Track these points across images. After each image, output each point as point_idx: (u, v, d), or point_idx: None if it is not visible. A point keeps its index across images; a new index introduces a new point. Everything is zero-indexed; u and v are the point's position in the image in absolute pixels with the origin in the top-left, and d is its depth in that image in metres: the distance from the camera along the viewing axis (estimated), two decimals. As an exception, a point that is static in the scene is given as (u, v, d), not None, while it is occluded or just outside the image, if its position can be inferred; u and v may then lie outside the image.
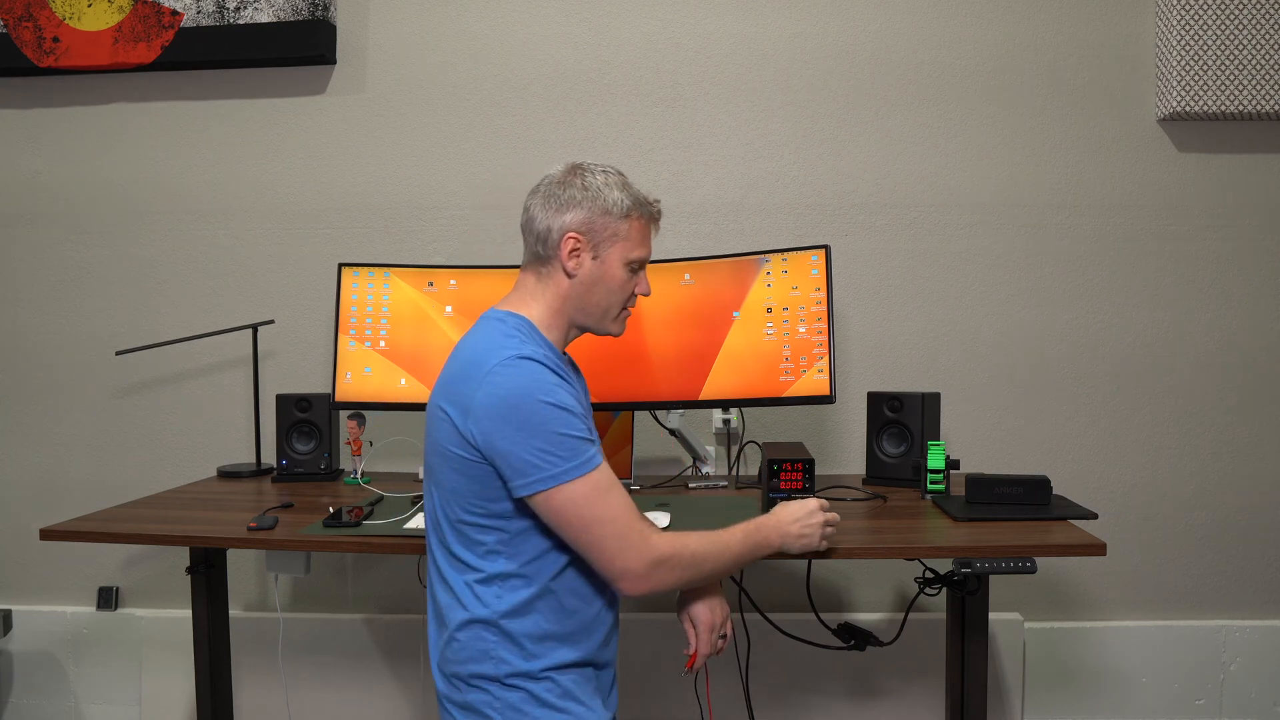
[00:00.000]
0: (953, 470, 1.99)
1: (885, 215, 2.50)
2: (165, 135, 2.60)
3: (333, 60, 2.55)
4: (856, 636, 1.96)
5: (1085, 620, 2.52)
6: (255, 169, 2.59)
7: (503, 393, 1.27)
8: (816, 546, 1.48)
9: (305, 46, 2.47)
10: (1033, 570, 1.57)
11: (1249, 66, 2.38)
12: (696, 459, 2.27)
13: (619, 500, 1.30)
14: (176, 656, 2.51)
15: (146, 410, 2.63)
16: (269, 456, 2.40)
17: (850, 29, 2.49)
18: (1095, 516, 1.76)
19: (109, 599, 2.62)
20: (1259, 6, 2.37)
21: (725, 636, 1.47)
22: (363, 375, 2.20)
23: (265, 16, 2.46)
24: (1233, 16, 2.37)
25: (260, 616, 2.56)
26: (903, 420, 2.12)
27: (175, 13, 2.48)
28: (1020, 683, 2.45)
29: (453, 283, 2.22)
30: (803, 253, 2.05)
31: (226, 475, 2.35)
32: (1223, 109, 2.39)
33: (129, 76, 2.57)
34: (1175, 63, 2.38)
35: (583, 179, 1.41)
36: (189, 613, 2.04)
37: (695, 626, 1.44)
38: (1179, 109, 2.39)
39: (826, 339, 2.01)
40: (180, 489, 2.21)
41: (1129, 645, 2.49)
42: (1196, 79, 2.38)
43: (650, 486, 2.15)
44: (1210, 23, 2.37)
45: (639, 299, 1.50)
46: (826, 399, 2.00)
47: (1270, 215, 2.47)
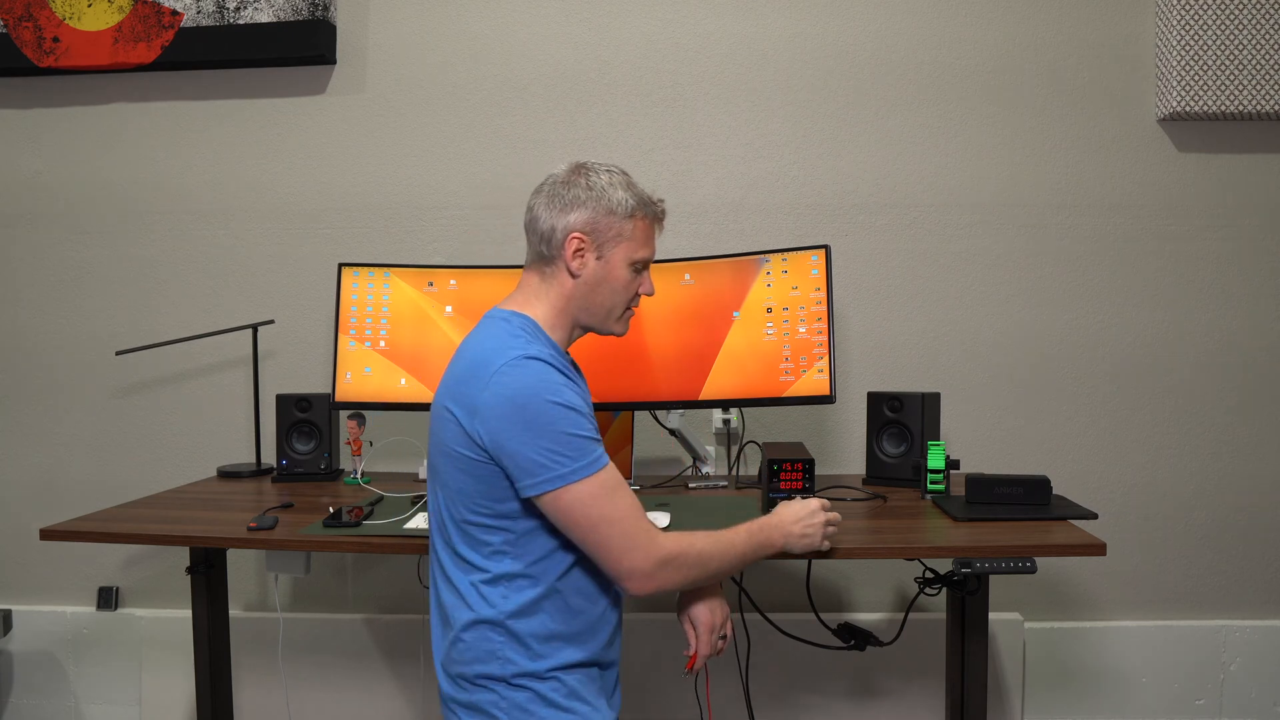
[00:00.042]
0: (953, 470, 2.00)
1: (885, 215, 2.50)
2: (165, 135, 2.60)
3: (333, 60, 2.55)
4: (856, 636, 1.97)
5: (1085, 620, 2.52)
6: (255, 169, 2.59)
7: (510, 393, 1.27)
8: (819, 546, 1.48)
9: (305, 46, 2.47)
10: (1033, 570, 1.58)
11: (1249, 66, 2.38)
12: (696, 459, 2.27)
13: (626, 500, 1.30)
14: (176, 656, 2.51)
15: (146, 410, 2.63)
16: (269, 456, 2.40)
17: (850, 29, 2.49)
18: (1095, 516, 1.76)
19: (109, 599, 2.62)
20: (1259, 6, 2.37)
21: (725, 637, 1.47)
22: (363, 375, 2.20)
23: (265, 16, 2.46)
24: (1233, 16, 2.37)
25: (260, 616, 2.56)
26: (903, 420, 2.12)
27: (175, 13, 2.48)
28: (1020, 683, 2.45)
29: (453, 283, 2.22)
30: (803, 253, 2.05)
31: (226, 475, 2.35)
32: (1223, 109, 2.39)
33: (129, 76, 2.57)
34: (1175, 63, 2.38)
35: (587, 179, 1.41)
36: (189, 613, 2.04)
37: (695, 627, 1.44)
38: (1179, 109, 2.39)
39: (826, 339, 2.01)
40: (180, 489, 2.22)
41: (1129, 645, 2.49)
42: (1196, 79, 2.38)
43: (650, 486, 2.15)
44: (1210, 23, 2.37)
45: (642, 299, 1.50)
46: (826, 399, 2.00)
47: (1270, 215, 2.47)
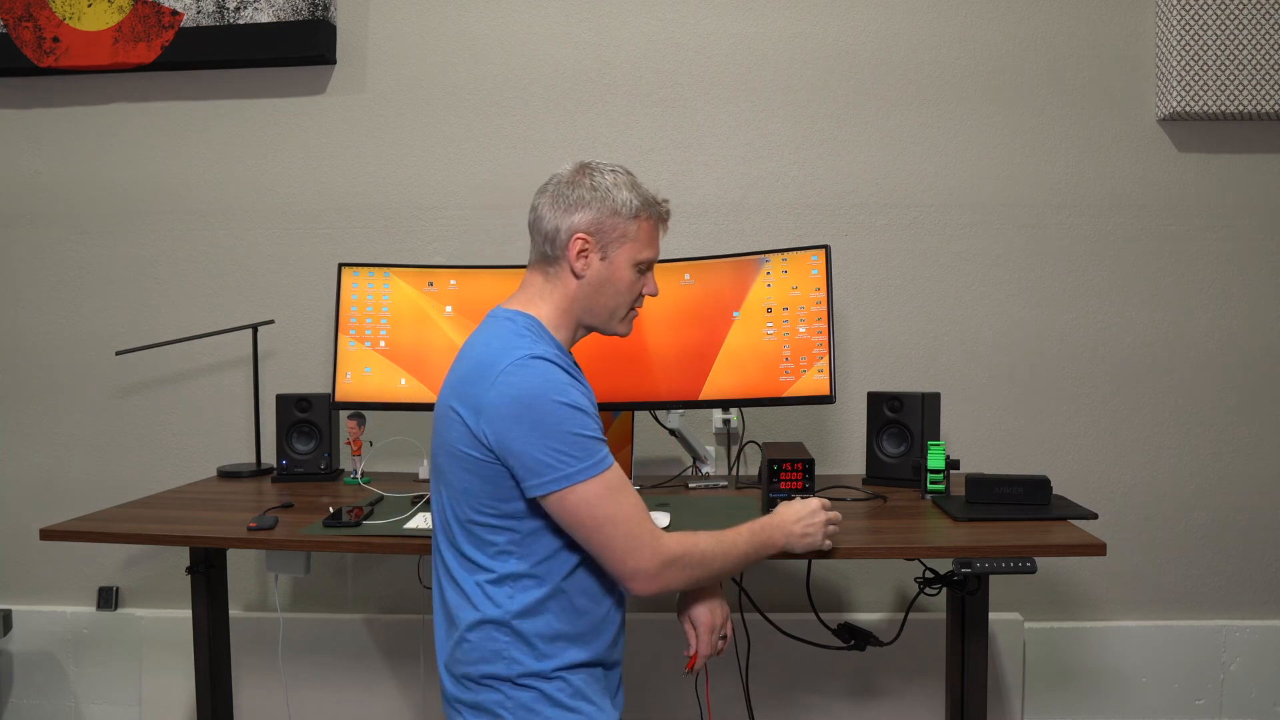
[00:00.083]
0: (953, 470, 2.00)
1: (885, 215, 2.50)
2: (165, 135, 2.60)
3: (333, 60, 2.55)
4: (856, 636, 1.97)
5: (1085, 620, 2.52)
6: (255, 169, 2.59)
7: (516, 393, 1.27)
8: (820, 545, 1.49)
9: (305, 46, 2.47)
10: (1033, 570, 1.58)
11: (1249, 66, 2.38)
12: (696, 459, 2.27)
13: (630, 500, 1.30)
14: (176, 656, 2.51)
15: (146, 410, 2.63)
16: (269, 456, 2.40)
17: (850, 29, 2.49)
18: (1095, 516, 1.76)
19: (109, 599, 2.62)
20: (1259, 6, 2.37)
21: (725, 637, 1.47)
22: (363, 375, 2.20)
23: (265, 16, 2.46)
24: (1233, 16, 2.37)
25: (260, 616, 2.56)
26: (903, 420, 2.12)
27: (175, 13, 2.48)
28: (1020, 683, 2.45)
29: (453, 283, 2.22)
30: (803, 253, 2.05)
31: (226, 475, 2.35)
32: (1223, 109, 2.39)
33: (129, 76, 2.57)
34: (1175, 63, 2.38)
35: (591, 179, 1.40)
36: (189, 613, 2.04)
37: (695, 627, 1.44)
38: (1179, 109, 2.39)
39: (826, 339, 2.01)
40: (180, 489, 2.22)
41: (1129, 645, 2.49)
42: (1196, 79, 2.38)
43: (650, 486, 2.15)
44: (1210, 23, 2.37)
45: (645, 299, 1.50)
46: (826, 399, 2.00)
47: (1270, 215, 2.47)
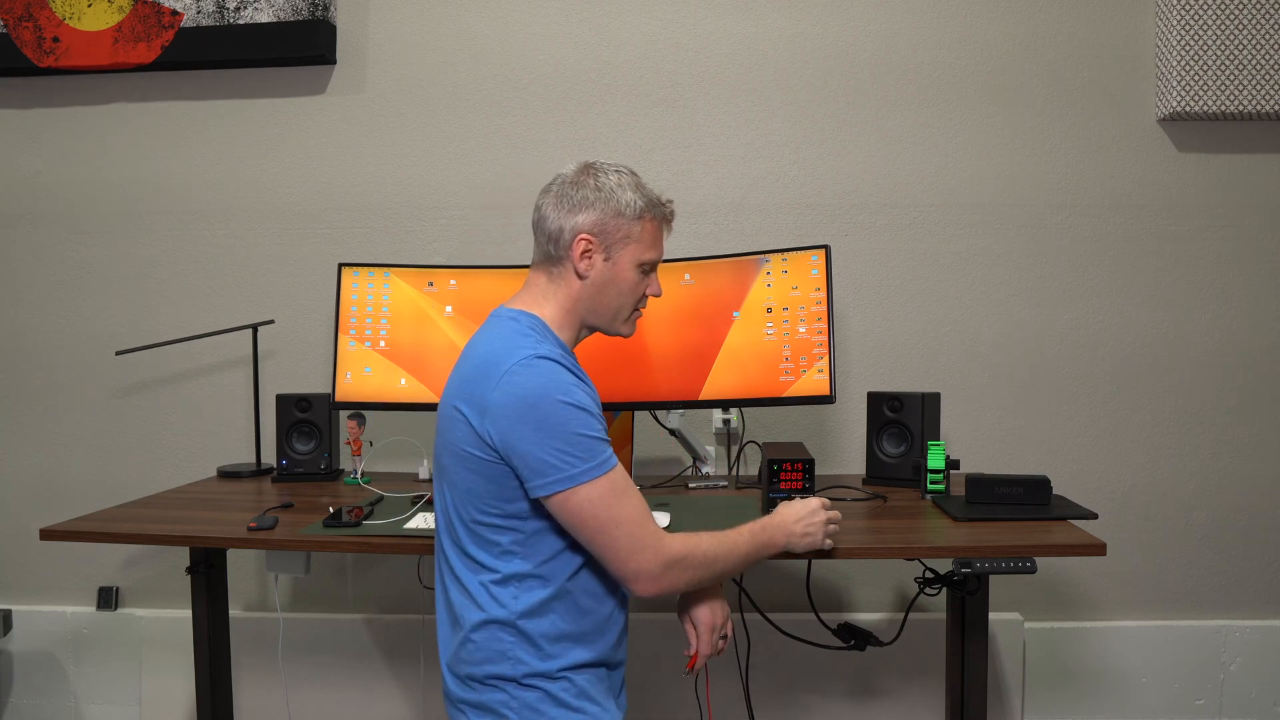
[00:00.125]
0: (953, 470, 2.00)
1: (885, 215, 2.50)
2: (165, 135, 2.60)
3: (333, 60, 2.55)
4: (856, 636, 1.97)
5: (1085, 620, 2.52)
6: (255, 169, 2.59)
7: (521, 393, 1.27)
8: (820, 545, 1.49)
9: (305, 46, 2.47)
10: (1033, 570, 1.58)
11: (1249, 66, 2.38)
12: (696, 459, 2.27)
13: (634, 501, 1.30)
14: (176, 656, 2.51)
15: (146, 410, 2.63)
16: (269, 456, 2.40)
17: (850, 29, 2.49)
18: (1095, 516, 1.76)
19: (109, 599, 2.62)
20: (1259, 6, 2.37)
21: (726, 637, 1.47)
22: (363, 375, 2.20)
23: (265, 16, 2.46)
24: (1233, 16, 2.37)
25: (260, 616, 2.56)
26: (903, 420, 2.12)
27: (175, 13, 2.48)
28: (1020, 683, 2.45)
29: (453, 283, 2.22)
30: (803, 253, 2.05)
31: (226, 475, 2.35)
32: (1223, 109, 2.39)
33: (129, 76, 2.57)
34: (1175, 63, 2.38)
35: (596, 179, 1.40)
36: (189, 613, 2.04)
37: (696, 627, 1.44)
38: (1179, 109, 2.39)
39: (826, 339, 2.01)
40: (180, 489, 2.22)
41: (1129, 645, 2.49)
42: (1196, 79, 2.38)
43: (650, 486, 2.15)
44: (1210, 23, 2.37)
45: (649, 299, 1.49)
46: (826, 399, 2.00)
47: (1270, 215, 2.47)
